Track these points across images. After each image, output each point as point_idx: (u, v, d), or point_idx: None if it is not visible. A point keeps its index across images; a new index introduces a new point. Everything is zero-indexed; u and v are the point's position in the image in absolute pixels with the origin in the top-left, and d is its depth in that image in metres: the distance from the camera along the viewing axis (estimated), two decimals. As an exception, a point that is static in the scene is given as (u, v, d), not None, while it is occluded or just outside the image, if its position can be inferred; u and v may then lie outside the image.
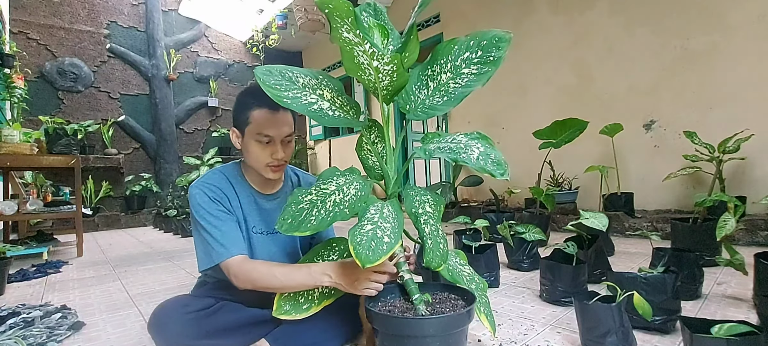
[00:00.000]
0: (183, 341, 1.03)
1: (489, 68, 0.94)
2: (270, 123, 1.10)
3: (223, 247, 1.06)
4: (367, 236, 0.82)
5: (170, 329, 1.03)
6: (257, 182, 1.23)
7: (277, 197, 1.26)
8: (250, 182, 1.23)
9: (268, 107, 1.10)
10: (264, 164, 1.13)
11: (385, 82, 0.94)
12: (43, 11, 5.40)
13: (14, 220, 3.39)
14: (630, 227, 2.96)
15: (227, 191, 1.17)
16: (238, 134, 1.16)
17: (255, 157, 1.13)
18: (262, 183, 1.23)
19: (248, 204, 1.20)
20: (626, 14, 3.39)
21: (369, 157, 1.14)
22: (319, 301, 0.93)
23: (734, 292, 1.58)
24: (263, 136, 1.10)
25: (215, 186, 1.16)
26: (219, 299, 1.15)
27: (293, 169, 1.35)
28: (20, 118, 4.13)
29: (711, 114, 2.95)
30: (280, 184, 1.28)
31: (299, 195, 0.91)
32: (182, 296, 1.15)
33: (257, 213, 1.22)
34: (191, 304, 1.08)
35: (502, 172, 0.83)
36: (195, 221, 1.11)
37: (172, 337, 1.03)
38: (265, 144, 1.12)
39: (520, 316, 1.42)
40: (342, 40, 0.86)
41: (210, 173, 1.20)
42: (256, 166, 1.16)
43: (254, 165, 1.16)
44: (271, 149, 1.12)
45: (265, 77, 0.97)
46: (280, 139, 1.13)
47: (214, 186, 1.15)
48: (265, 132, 1.10)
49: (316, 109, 0.99)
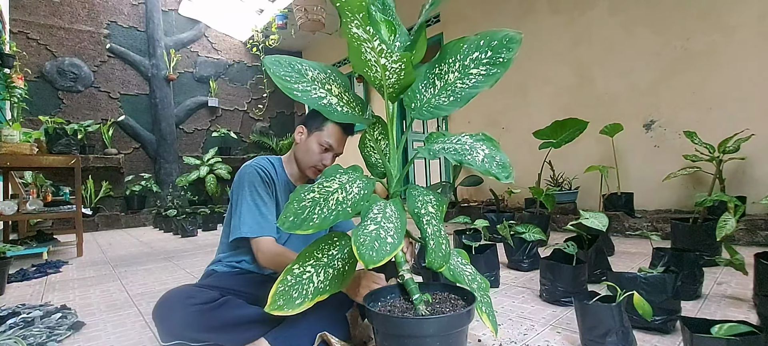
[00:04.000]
0: (185, 332, 1.06)
1: (498, 70, 0.93)
2: (337, 139, 1.30)
3: (259, 226, 1.21)
4: (370, 236, 0.82)
5: (174, 320, 1.07)
6: (294, 177, 1.39)
7: None
8: (289, 174, 1.39)
9: (342, 128, 1.30)
10: (312, 165, 1.32)
11: (391, 80, 0.93)
12: (43, 11, 5.40)
13: (14, 220, 3.39)
14: (630, 227, 2.96)
15: (274, 175, 1.34)
16: (303, 132, 1.33)
17: (310, 156, 1.31)
18: (300, 177, 1.40)
19: (284, 193, 1.35)
20: (626, 14, 3.39)
21: (372, 154, 1.14)
22: (313, 296, 0.92)
23: (734, 292, 1.58)
24: (327, 143, 1.29)
25: (267, 170, 1.32)
26: (224, 292, 1.17)
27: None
28: (20, 118, 4.13)
29: (711, 114, 2.95)
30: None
31: (302, 192, 0.91)
32: (188, 287, 1.17)
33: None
34: (196, 296, 1.10)
35: (507, 175, 0.83)
36: (242, 193, 1.25)
37: (175, 328, 1.06)
38: (323, 150, 1.30)
39: (520, 316, 1.42)
40: (351, 35, 0.86)
41: (262, 158, 1.36)
42: (306, 163, 1.32)
43: (305, 161, 1.33)
44: (324, 157, 1.31)
45: (274, 68, 0.97)
46: (335, 152, 1.33)
47: (266, 170, 1.31)
48: (330, 142, 1.29)
49: (325, 104, 0.98)
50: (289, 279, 0.94)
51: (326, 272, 0.97)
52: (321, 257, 0.99)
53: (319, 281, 0.94)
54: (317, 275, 0.96)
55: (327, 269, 0.97)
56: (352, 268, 0.98)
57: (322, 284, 0.94)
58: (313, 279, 0.95)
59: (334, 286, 0.95)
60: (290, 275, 0.95)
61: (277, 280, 0.94)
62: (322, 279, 0.96)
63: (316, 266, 0.97)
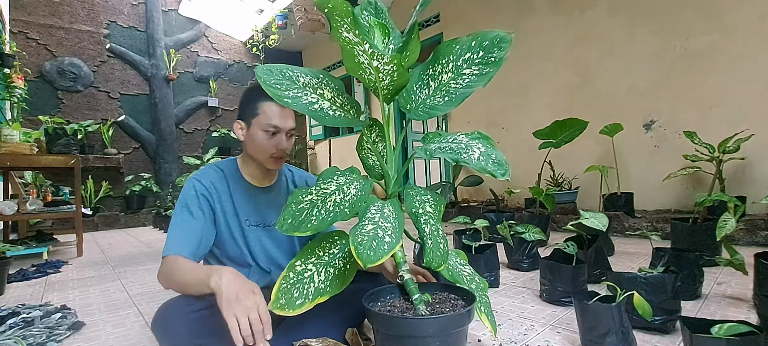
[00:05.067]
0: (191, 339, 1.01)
1: (490, 69, 0.94)
2: (278, 115, 1.16)
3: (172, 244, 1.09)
4: (368, 236, 0.82)
5: (177, 329, 1.02)
6: (254, 176, 1.28)
7: (272, 189, 1.31)
8: (247, 175, 1.28)
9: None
10: (268, 155, 1.19)
11: (385, 82, 0.94)
12: (42, 11, 5.40)
13: (14, 220, 3.39)
14: (630, 227, 2.96)
15: (219, 185, 1.23)
16: (242, 126, 1.22)
17: (260, 147, 1.18)
18: (259, 176, 1.28)
19: (242, 197, 1.26)
20: (626, 14, 3.39)
21: (369, 156, 1.14)
22: (313, 297, 0.92)
23: (734, 292, 1.58)
24: (271, 126, 1.16)
25: (207, 180, 1.22)
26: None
27: (287, 166, 1.39)
28: (20, 118, 4.13)
29: (711, 114, 2.95)
30: (275, 178, 1.33)
31: (299, 195, 0.91)
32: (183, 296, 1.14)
33: (252, 205, 1.27)
34: (194, 302, 1.06)
35: (502, 172, 0.83)
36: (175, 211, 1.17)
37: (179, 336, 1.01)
38: (271, 135, 1.17)
39: (520, 316, 1.42)
40: (342, 39, 0.87)
41: (206, 167, 1.27)
42: (259, 156, 1.21)
43: (258, 155, 1.21)
44: (276, 140, 1.18)
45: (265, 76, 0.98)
46: (285, 131, 1.18)
47: (206, 180, 1.22)
48: (273, 123, 1.16)
49: (317, 109, 0.99)
50: (291, 276, 0.94)
51: (327, 271, 0.97)
52: (322, 255, 1.00)
53: (319, 281, 0.95)
54: (318, 273, 0.96)
55: (328, 269, 0.97)
56: (353, 267, 0.98)
57: (323, 284, 0.94)
58: (314, 278, 0.95)
59: (334, 287, 0.95)
60: (292, 272, 0.95)
61: (280, 276, 0.94)
62: (323, 279, 0.96)
63: (318, 264, 0.98)
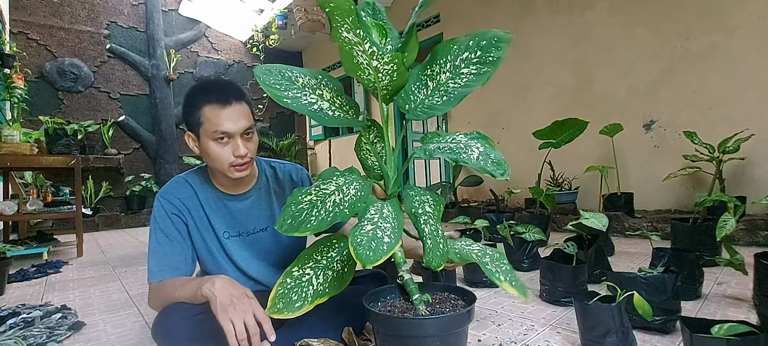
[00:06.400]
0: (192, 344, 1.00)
1: (488, 68, 0.95)
2: (224, 118, 1.02)
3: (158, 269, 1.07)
4: (367, 236, 0.82)
5: (178, 334, 1.00)
6: (225, 185, 1.17)
7: (249, 196, 1.21)
8: (218, 185, 1.17)
9: (217, 102, 1.02)
10: (227, 165, 1.06)
11: (384, 82, 0.94)
12: (43, 11, 5.40)
13: (14, 220, 3.39)
14: (630, 227, 2.96)
15: (188, 200, 1.14)
16: (193, 138, 1.08)
17: (216, 158, 1.05)
18: (231, 185, 1.17)
19: (215, 210, 1.16)
20: (626, 14, 3.39)
21: (368, 157, 1.14)
22: (313, 299, 0.92)
23: (734, 292, 1.58)
24: (220, 133, 1.02)
25: (175, 197, 1.13)
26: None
27: (268, 162, 1.29)
28: (20, 118, 4.13)
29: (711, 114, 2.95)
30: (252, 181, 1.22)
31: (299, 195, 0.91)
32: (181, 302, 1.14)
33: (227, 217, 1.18)
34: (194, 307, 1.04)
35: (502, 172, 0.83)
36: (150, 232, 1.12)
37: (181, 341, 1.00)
38: (223, 143, 1.04)
39: (520, 316, 1.42)
40: (342, 39, 0.87)
41: (173, 182, 1.16)
42: (219, 168, 1.08)
43: (217, 167, 1.08)
44: (231, 147, 1.04)
45: (264, 77, 0.98)
46: (238, 133, 1.04)
47: (173, 197, 1.12)
48: (221, 129, 1.02)
49: (316, 109, 0.99)
50: (289, 282, 0.95)
51: (325, 274, 0.97)
52: (320, 259, 1.00)
53: (318, 283, 0.95)
54: (316, 277, 0.96)
55: (326, 272, 0.98)
56: (351, 269, 0.98)
57: (322, 286, 0.95)
58: (313, 282, 0.96)
59: (333, 288, 0.95)
60: (289, 278, 0.95)
61: (277, 282, 0.94)
62: (322, 281, 0.96)
63: (315, 268, 0.98)
